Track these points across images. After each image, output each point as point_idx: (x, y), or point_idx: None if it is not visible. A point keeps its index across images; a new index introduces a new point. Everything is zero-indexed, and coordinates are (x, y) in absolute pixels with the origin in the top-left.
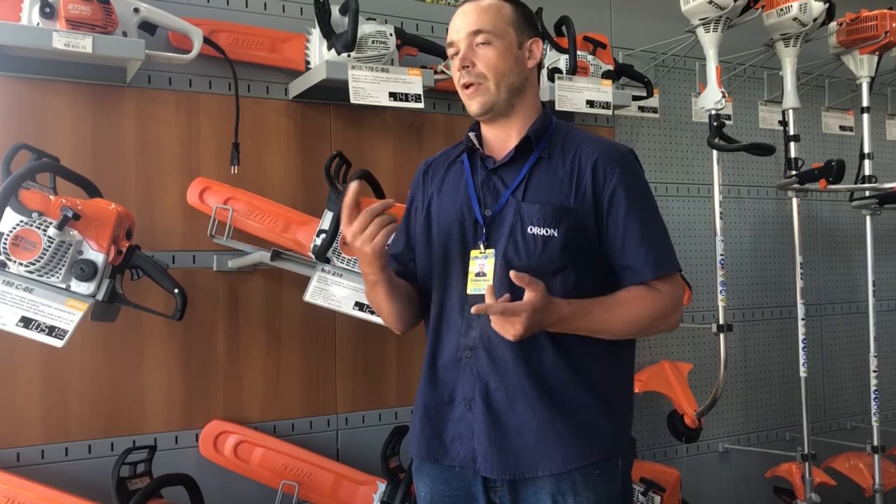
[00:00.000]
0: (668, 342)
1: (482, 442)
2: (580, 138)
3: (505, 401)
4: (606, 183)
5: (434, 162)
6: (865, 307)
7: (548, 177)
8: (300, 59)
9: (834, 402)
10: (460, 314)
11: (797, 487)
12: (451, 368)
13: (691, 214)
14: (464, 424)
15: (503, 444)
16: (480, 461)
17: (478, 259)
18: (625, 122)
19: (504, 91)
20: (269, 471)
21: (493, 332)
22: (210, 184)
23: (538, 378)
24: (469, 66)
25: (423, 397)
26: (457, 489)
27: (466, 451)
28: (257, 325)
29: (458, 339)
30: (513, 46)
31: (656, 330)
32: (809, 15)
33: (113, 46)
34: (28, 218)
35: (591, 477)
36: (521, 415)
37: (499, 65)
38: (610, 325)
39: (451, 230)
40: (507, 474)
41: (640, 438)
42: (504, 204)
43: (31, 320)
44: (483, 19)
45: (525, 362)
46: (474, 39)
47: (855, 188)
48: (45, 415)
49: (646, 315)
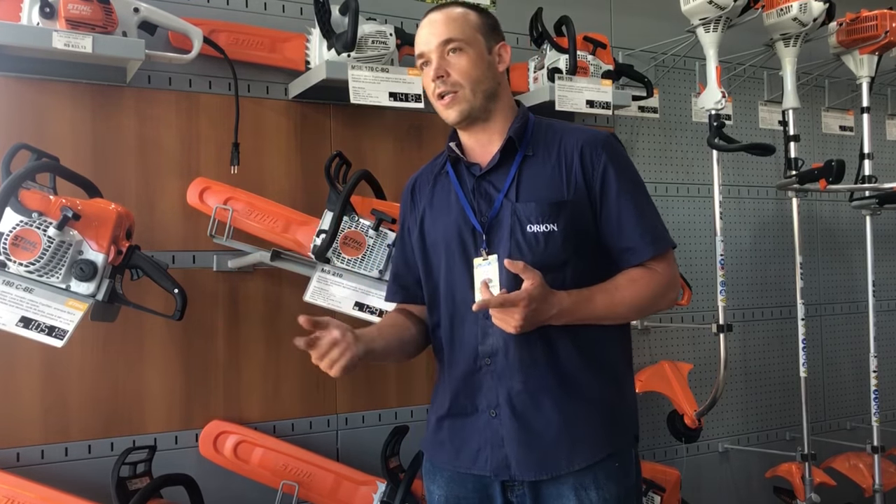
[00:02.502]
0: (668, 342)
1: (514, 448)
2: (561, 130)
3: (529, 403)
4: (595, 169)
5: (419, 178)
6: (865, 307)
7: (537, 173)
8: (300, 59)
9: (834, 402)
10: (475, 323)
11: (797, 487)
12: (471, 378)
13: (691, 214)
14: (491, 432)
15: (534, 445)
16: (514, 467)
17: (481, 266)
18: (625, 122)
19: (481, 97)
20: (269, 471)
21: (511, 336)
22: (210, 184)
23: (560, 374)
24: (444, 75)
25: (438, 409)
26: (472, 492)
27: (498, 459)
28: (257, 325)
29: (476, 348)
30: (483, 53)
31: (656, 308)
32: (809, 15)
33: (113, 46)
34: (28, 218)
35: (612, 469)
36: (547, 413)
37: (472, 72)
38: (613, 310)
39: (449, 243)
40: (543, 474)
41: (641, 438)
42: (499, 208)
43: (31, 320)
44: (452, 28)
45: (545, 360)
46: (445, 49)
47: (855, 188)
48: (45, 415)
49: (646, 296)
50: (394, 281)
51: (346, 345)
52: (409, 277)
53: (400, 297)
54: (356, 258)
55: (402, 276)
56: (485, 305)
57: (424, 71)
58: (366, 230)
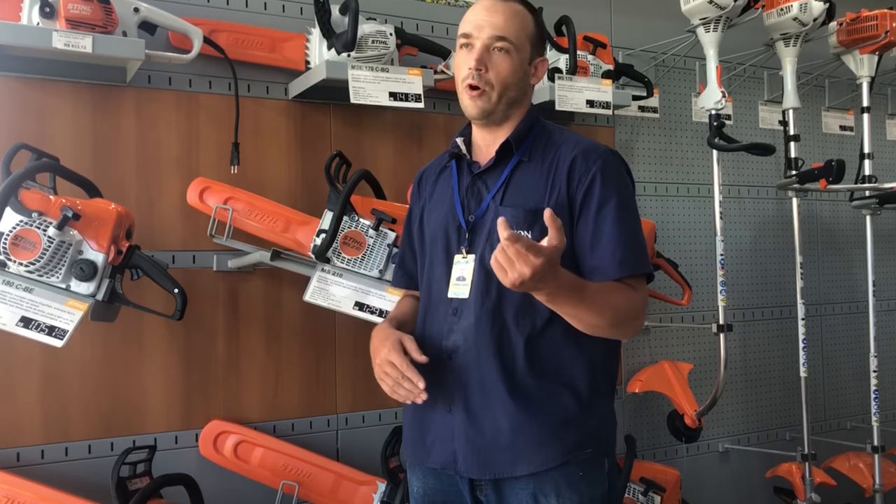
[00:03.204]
0: (668, 342)
1: (461, 444)
2: (562, 139)
3: (482, 403)
4: (581, 182)
5: (427, 170)
6: (865, 307)
7: (526, 179)
8: (300, 59)
9: (834, 402)
10: (443, 318)
11: (797, 487)
12: (434, 372)
13: (691, 214)
14: (444, 427)
15: (480, 445)
16: (461, 462)
17: (459, 264)
18: (625, 122)
19: (503, 103)
20: (269, 471)
21: (473, 336)
22: (210, 183)
23: (511, 380)
24: (482, 69)
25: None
26: (447, 485)
27: (447, 453)
28: (257, 325)
29: (441, 343)
30: (525, 62)
31: (624, 329)
32: (809, 15)
33: (113, 46)
34: (28, 218)
35: (575, 478)
36: (495, 416)
37: (508, 78)
38: (593, 309)
39: (437, 236)
40: (486, 474)
41: (640, 438)
42: (485, 209)
43: (31, 320)
44: (509, 26)
45: (500, 365)
46: (494, 44)
47: (855, 188)
48: (45, 415)
49: (622, 308)
50: (399, 266)
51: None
52: (413, 264)
53: (404, 283)
54: (356, 258)
55: (408, 262)
56: (513, 238)
57: (461, 52)
58: (366, 230)
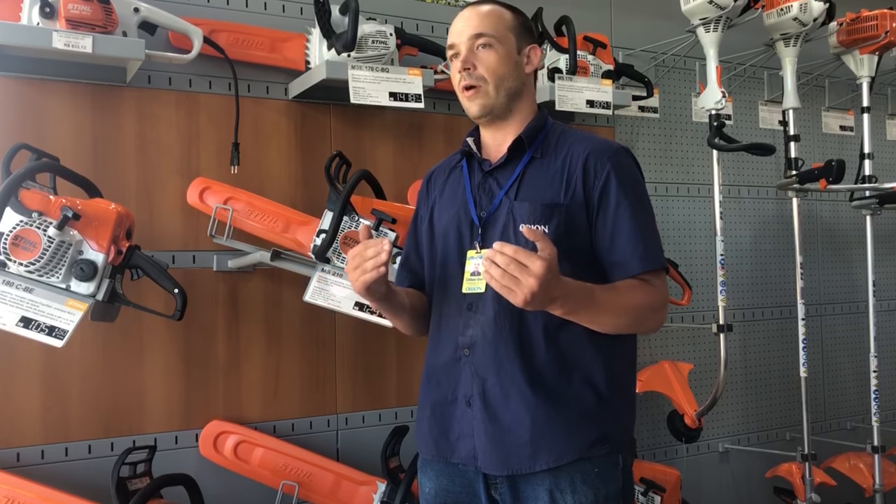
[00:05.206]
0: (668, 342)
1: (481, 439)
2: (574, 137)
3: (500, 397)
4: (597, 178)
5: (437, 170)
6: (865, 307)
7: (540, 175)
8: (300, 59)
9: (834, 402)
10: (458, 313)
11: (797, 487)
12: (452, 367)
13: (691, 214)
14: (465, 422)
15: (500, 439)
16: (480, 458)
17: (473, 259)
18: (625, 122)
19: (503, 95)
20: (269, 471)
21: (492, 330)
22: (210, 184)
23: (532, 372)
24: (470, 68)
25: (430, 396)
26: (459, 485)
27: (468, 449)
28: (257, 325)
29: (457, 338)
30: (512, 52)
31: (647, 324)
32: (809, 15)
33: (113, 46)
34: (28, 218)
35: (590, 475)
36: (515, 410)
37: (498, 69)
38: (609, 311)
39: (448, 233)
40: (506, 470)
41: (640, 438)
42: (498, 205)
43: (31, 320)
44: (485, 23)
45: (520, 358)
46: (476, 42)
47: (855, 188)
48: (45, 415)
49: (641, 305)
50: (402, 267)
51: (380, 262)
52: (418, 264)
53: (408, 282)
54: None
55: (412, 262)
56: (502, 248)
57: (453, 63)
58: None
